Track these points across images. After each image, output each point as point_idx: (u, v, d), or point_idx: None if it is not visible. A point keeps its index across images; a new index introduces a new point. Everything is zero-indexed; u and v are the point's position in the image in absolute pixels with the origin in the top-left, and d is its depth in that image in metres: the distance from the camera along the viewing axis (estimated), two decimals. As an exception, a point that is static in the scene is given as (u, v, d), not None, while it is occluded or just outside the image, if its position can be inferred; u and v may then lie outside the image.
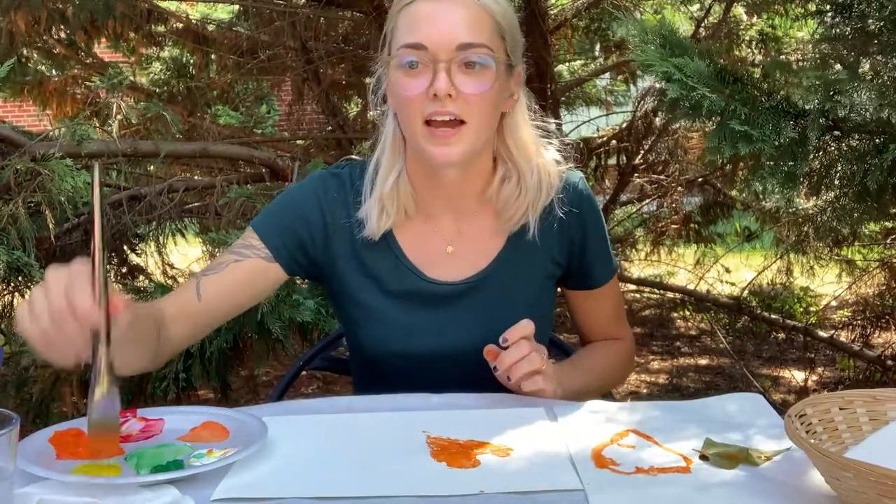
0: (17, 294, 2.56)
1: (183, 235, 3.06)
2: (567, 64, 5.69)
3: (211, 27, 4.48)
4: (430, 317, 1.37)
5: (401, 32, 1.24)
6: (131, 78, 4.35)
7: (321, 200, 1.35)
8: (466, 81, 1.21)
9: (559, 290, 1.50)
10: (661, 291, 5.12)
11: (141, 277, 3.13)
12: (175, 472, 0.96)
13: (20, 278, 2.33)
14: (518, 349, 1.21)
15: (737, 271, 5.29)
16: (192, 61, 4.54)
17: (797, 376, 4.17)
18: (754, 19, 4.46)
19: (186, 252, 3.29)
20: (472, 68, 1.21)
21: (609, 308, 1.51)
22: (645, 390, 4.16)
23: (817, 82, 1.76)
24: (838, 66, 1.93)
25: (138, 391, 2.57)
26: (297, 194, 1.39)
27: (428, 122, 1.23)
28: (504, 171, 1.35)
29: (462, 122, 1.23)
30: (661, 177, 4.96)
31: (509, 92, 1.31)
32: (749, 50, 4.54)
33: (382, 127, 1.36)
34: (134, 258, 3.15)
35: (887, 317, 3.87)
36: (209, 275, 1.31)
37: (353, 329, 1.42)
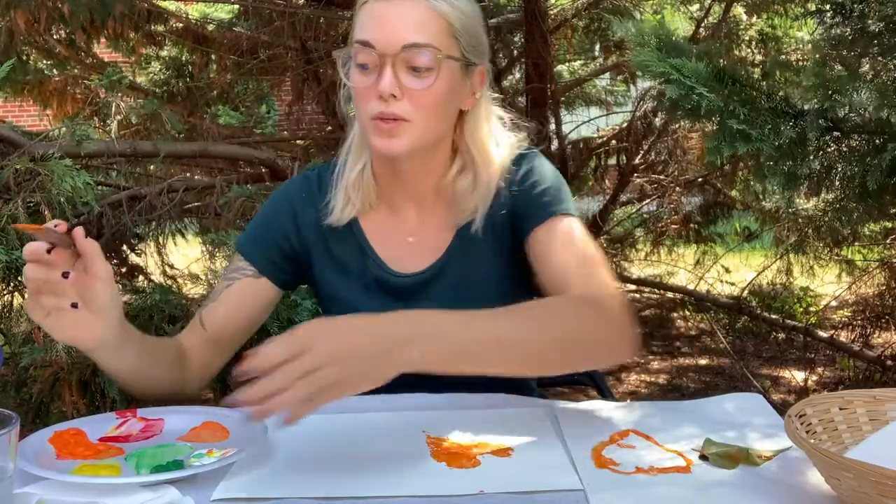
0: (16, 294, 2.55)
1: (183, 235, 3.06)
2: (567, 64, 5.68)
3: (211, 27, 4.47)
4: (396, 309, 1.36)
5: (356, 30, 1.27)
6: (130, 78, 4.34)
7: (293, 205, 1.40)
8: (412, 80, 1.22)
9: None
10: (661, 291, 5.12)
11: (141, 278, 3.12)
12: (175, 472, 0.96)
13: (20, 278, 2.32)
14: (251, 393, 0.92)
15: (737, 271, 5.29)
16: (191, 61, 4.54)
17: (797, 376, 4.17)
18: (754, 19, 4.46)
19: (186, 252, 3.28)
20: (419, 70, 1.22)
21: (563, 256, 1.26)
22: (645, 390, 4.16)
23: (816, 82, 1.77)
24: (838, 67, 1.93)
25: (138, 391, 2.57)
26: (271, 206, 1.44)
27: (375, 118, 1.24)
28: (461, 164, 1.35)
29: (406, 121, 1.23)
30: (661, 177, 4.96)
31: (470, 90, 1.31)
32: (749, 50, 4.55)
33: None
34: (134, 258, 3.15)
35: (887, 317, 3.87)
36: (208, 305, 1.37)
37: None
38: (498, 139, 1.37)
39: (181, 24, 4.37)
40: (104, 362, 1.19)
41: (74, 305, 1.07)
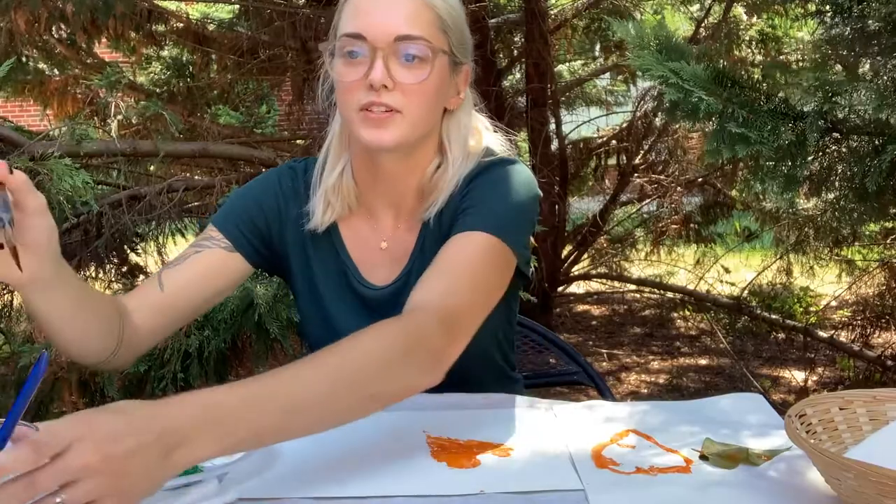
0: (16, 293, 2.56)
1: (183, 235, 3.06)
2: (567, 64, 5.69)
3: (211, 27, 4.48)
4: (367, 321, 1.35)
5: (343, 22, 1.24)
6: (131, 77, 4.34)
7: (277, 191, 1.37)
8: (404, 72, 1.20)
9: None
10: (661, 291, 5.12)
11: (141, 277, 3.13)
12: (194, 474, 0.96)
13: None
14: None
15: (737, 271, 5.29)
16: (192, 61, 4.54)
17: (797, 376, 4.17)
18: (754, 19, 4.47)
19: (186, 252, 3.28)
20: (411, 61, 1.20)
21: (441, 260, 1.19)
22: (645, 390, 4.16)
23: (815, 84, 1.77)
24: (838, 67, 1.93)
25: (138, 392, 2.57)
26: (253, 186, 1.40)
27: (364, 109, 1.21)
28: (440, 160, 1.32)
29: (398, 111, 1.21)
30: (661, 177, 4.97)
31: (455, 89, 1.29)
32: (749, 50, 4.55)
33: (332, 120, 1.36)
34: (134, 258, 3.15)
35: (887, 317, 3.87)
36: (172, 267, 1.30)
37: (302, 327, 1.43)
38: (481, 140, 1.35)
39: (181, 24, 4.37)
40: (35, 303, 1.10)
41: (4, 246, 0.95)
